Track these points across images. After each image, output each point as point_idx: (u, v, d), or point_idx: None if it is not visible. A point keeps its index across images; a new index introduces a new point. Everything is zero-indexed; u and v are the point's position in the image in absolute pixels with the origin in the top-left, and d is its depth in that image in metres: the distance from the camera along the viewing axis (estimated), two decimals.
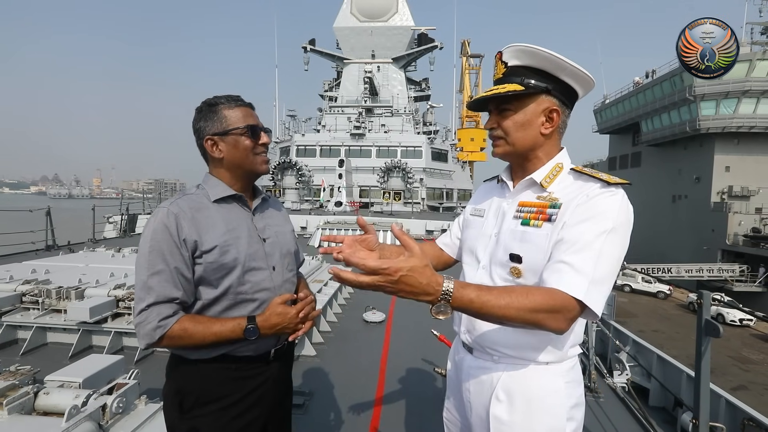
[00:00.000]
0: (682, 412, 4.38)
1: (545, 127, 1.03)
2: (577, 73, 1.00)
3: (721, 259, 24.68)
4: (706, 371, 1.77)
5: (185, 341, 1.06)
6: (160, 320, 1.03)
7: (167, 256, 1.05)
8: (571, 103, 1.06)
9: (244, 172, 1.20)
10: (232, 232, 1.13)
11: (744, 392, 11.33)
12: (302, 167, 18.80)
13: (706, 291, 1.78)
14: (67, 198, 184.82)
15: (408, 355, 3.46)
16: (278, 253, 1.24)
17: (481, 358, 1.09)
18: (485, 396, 1.05)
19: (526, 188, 1.07)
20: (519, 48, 1.01)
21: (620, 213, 0.92)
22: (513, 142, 1.05)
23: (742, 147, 25.91)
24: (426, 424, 2.44)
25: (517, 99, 1.02)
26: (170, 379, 1.15)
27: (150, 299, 1.04)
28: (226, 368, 1.12)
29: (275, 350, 1.20)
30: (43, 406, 1.61)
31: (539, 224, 0.98)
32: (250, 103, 1.22)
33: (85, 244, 8.19)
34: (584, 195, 0.94)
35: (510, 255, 1.02)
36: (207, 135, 1.15)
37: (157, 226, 1.06)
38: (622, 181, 0.96)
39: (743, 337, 16.80)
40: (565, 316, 0.86)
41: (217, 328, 1.07)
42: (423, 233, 12.82)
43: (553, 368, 1.02)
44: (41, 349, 3.35)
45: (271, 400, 1.20)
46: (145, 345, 1.05)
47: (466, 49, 42.36)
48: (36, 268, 4.07)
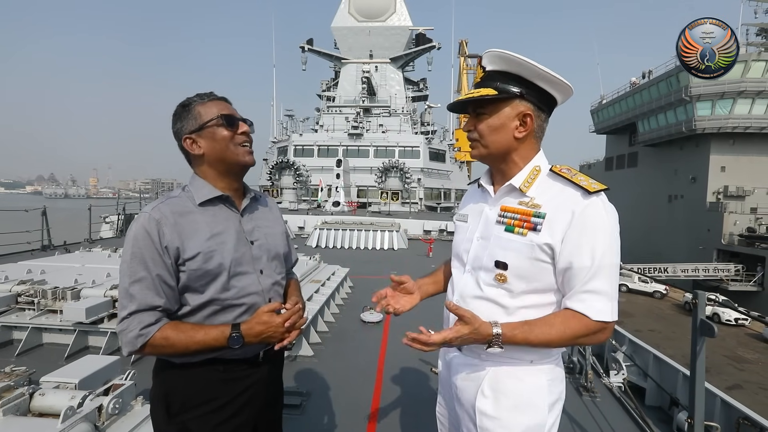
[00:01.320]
0: (678, 411, 4.40)
1: (519, 131, 1.05)
2: (552, 79, 1.02)
3: (716, 259, 24.83)
4: (701, 371, 1.78)
5: (167, 350, 1.04)
6: (142, 328, 1.01)
7: (149, 264, 1.03)
8: (548, 108, 1.08)
9: (228, 166, 1.15)
10: (216, 237, 1.10)
11: (739, 391, 11.40)
12: (300, 167, 18.78)
13: (701, 291, 1.79)
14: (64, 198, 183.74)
15: (405, 355, 3.46)
16: (266, 256, 1.20)
17: (469, 356, 1.12)
18: (472, 392, 1.09)
19: (506, 194, 1.10)
20: (495, 54, 1.04)
21: (608, 221, 0.98)
22: (487, 144, 1.08)
23: (738, 147, 26.07)
24: (422, 424, 2.44)
25: (492, 103, 1.05)
26: (156, 382, 1.13)
27: (132, 307, 1.02)
28: (214, 370, 1.10)
29: (264, 352, 1.18)
30: (39, 407, 1.61)
31: (524, 232, 1.01)
32: (224, 97, 1.19)
33: (82, 244, 8.15)
34: (569, 210, 0.98)
35: (495, 262, 1.05)
36: (184, 134, 1.13)
37: (138, 232, 1.04)
38: (601, 187, 0.99)
39: (738, 337, 16.90)
40: (604, 335, 1.00)
41: (201, 337, 1.04)
42: (420, 233, 12.83)
43: (538, 366, 1.06)
44: (37, 350, 3.33)
45: (261, 402, 1.18)
46: (127, 353, 1.04)
47: (464, 49, 42.44)
48: (32, 269, 4.05)
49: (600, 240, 0.97)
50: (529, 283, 1.03)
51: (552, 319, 1.00)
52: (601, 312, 0.97)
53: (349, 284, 5.75)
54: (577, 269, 0.97)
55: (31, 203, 10.95)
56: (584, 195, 0.98)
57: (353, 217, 13.51)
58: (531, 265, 1.01)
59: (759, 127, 25.22)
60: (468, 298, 1.11)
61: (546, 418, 1.05)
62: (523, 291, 1.04)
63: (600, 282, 0.97)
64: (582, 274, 0.97)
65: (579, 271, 0.97)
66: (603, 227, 0.97)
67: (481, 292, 1.09)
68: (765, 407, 10.47)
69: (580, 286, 0.98)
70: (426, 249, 9.61)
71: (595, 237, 0.96)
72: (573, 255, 0.97)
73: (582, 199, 0.98)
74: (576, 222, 0.97)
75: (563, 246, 0.98)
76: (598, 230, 0.97)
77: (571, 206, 0.98)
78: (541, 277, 1.02)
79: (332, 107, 24.35)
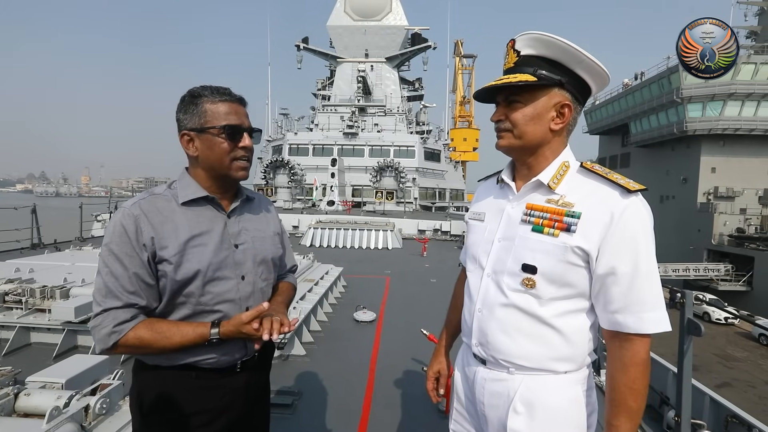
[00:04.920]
0: (668, 410, 4.45)
1: (555, 122, 0.96)
2: (594, 67, 0.94)
3: (707, 259, 25.16)
4: (689, 369, 1.80)
5: (142, 350, 1.01)
6: (115, 325, 0.97)
7: (125, 260, 0.99)
8: (584, 99, 0.99)
9: (218, 175, 1.10)
10: (196, 238, 1.05)
11: (728, 389, 11.56)
12: (295, 166, 18.71)
13: (688, 290, 1.81)
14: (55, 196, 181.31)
15: (398, 354, 3.46)
16: (251, 261, 1.13)
17: (495, 369, 1.02)
18: (501, 409, 1.00)
19: (532, 190, 1.00)
20: (534, 36, 0.94)
21: (647, 223, 0.91)
22: (520, 135, 0.98)
23: (728, 149, 26.44)
24: (415, 423, 2.44)
25: (527, 91, 0.96)
26: (134, 381, 1.10)
27: (106, 303, 0.98)
28: (186, 376, 1.05)
29: (242, 362, 1.12)
30: (24, 407, 1.58)
31: (555, 233, 0.92)
32: (241, 97, 1.10)
33: (72, 243, 8.05)
34: (607, 211, 0.89)
35: (523, 265, 0.96)
36: (184, 129, 1.07)
37: (115, 227, 1.00)
38: (640, 187, 0.91)
39: (728, 335, 17.13)
40: (648, 353, 0.92)
41: (178, 339, 1.00)
42: (415, 233, 12.85)
43: (572, 377, 0.98)
44: (24, 349, 3.28)
45: (238, 412, 1.12)
46: (99, 350, 1.00)
47: (459, 49, 42.53)
48: (20, 267, 3.99)
49: (643, 244, 0.89)
50: (560, 288, 0.94)
51: (617, 392, 0.92)
52: (659, 322, 0.88)
53: (342, 283, 5.74)
54: (621, 276, 0.89)
55: (21, 201, 10.80)
56: (623, 194, 0.90)
57: (348, 216, 13.48)
58: (564, 269, 0.92)
59: (748, 129, 25.61)
60: (494, 307, 1.01)
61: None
62: (553, 297, 0.94)
63: (648, 289, 0.89)
64: (626, 282, 0.89)
65: (623, 277, 0.89)
66: (645, 230, 0.89)
67: (506, 299, 0.98)
68: (753, 405, 10.63)
69: (625, 297, 0.89)
70: (420, 248, 9.62)
71: (639, 241, 0.89)
72: (616, 260, 0.89)
73: (621, 198, 0.89)
74: (617, 224, 0.88)
75: (602, 250, 0.89)
76: (640, 234, 0.89)
77: (609, 207, 0.89)
78: (574, 282, 0.93)
79: (327, 106, 24.27)
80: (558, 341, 0.96)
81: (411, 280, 6.66)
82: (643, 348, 0.90)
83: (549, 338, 0.96)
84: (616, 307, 0.90)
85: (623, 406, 0.91)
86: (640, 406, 0.91)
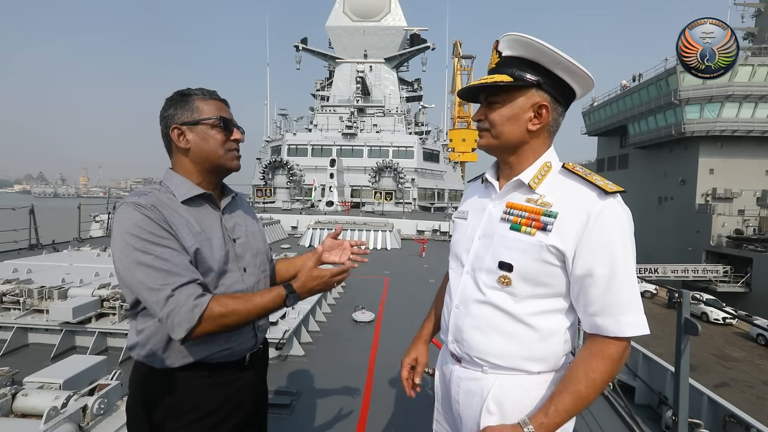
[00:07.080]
0: (666, 409, 4.46)
1: (533, 123, 0.97)
2: (572, 68, 0.94)
3: (705, 260, 25.22)
4: (686, 368, 1.81)
5: (227, 319, 0.96)
6: (195, 298, 0.93)
7: (165, 242, 0.96)
8: (566, 101, 1.00)
9: (212, 167, 1.11)
10: (203, 234, 1.05)
11: (726, 389, 11.59)
12: (293, 166, 18.73)
13: (686, 290, 1.81)
14: (53, 197, 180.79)
15: (397, 354, 3.44)
16: (249, 254, 1.17)
17: (470, 368, 1.03)
18: (475, 408, 1.00)
19: (513, 189, 1.02)
20: (513, 37, 0.95)
21: (625, 225, 0.90)
22: (498, 135, 1.00)
23: (726, 150, 26.52)
24: (413, 424, 2.44)
25: (505, 91, 0.97)
26: (135, 391, 1.07)
27: (172, 283, 0.92)
28: (200, 376, 1.05)
29: (251, 355, 1.15)
30: (21, 407, 1.58)
31: (532, 232, 0.93)
32: (225, 99, 1.16)
33: (70, 243, 8.03)
34: (584, 212, 0.90)
35: (499, 263, 0.96)
36: (175, 123, 1.07)
37: (136, 219, 0.96)
38: (618, 189, 0.91)
39: (726, 335, 17.18)
40: (627, 352, 0.92)
41: (259, 301, 1.01)
42: (414, 233, 12.86)
43: (545, 377, 0.97)
44: (22, 350, 3.28)
45: (249, 407, 1.15)
46: (185, 333, 0.92)
47: (458, 50, 42.56)
48: (18, 267, 3.99)
49: (620, 246, 0.89)
50: (535, 287, 0.94)
51: (572, 374, 0.90)
52: (636, 325, 0.88)
53: (341, 284, 5.73)
54: (598, 278, 0.88)
55: (19, 202, 10.77)
56: (600, 195, 0.90)
57: (347, 216, 13.48)
58: (538, 268, 0.92)
59: (746, 131, 25.69)
60: (469, 303, 1.02)
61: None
62: (529, 295, 0.95)
63: (626, 292, 0.88)
64: (603, 284, 0.88)
65: (600, 279, 0.88)
66: (622, 232, 0.89)
67: (482, 296, 0.99)
68: (751, 405, 10.66)
69: (602, 299, 0.89)
70: (419, 249, 9.62)
71: (615, 243, 0.88)
72: (592, 262, 0.88)
73: (598, 199, 0.90)
74: (593, 225, 0.88)
75: (579, 251, 0.89)
76: (616, 235, 0.89)
77: (586, 207, 0.90)
78: (549, 282, 0.94)
79: (326, 107, 24.31)
80: (532, 340, 0.96)
81: (410, 280, 6.67)
82: (617, 350, 0.89)
83: (523, 336, 0.96)
84: (595, 310, 0.90)
85: (573, 387, 0.89)
86: (589, 395, 0.88)
